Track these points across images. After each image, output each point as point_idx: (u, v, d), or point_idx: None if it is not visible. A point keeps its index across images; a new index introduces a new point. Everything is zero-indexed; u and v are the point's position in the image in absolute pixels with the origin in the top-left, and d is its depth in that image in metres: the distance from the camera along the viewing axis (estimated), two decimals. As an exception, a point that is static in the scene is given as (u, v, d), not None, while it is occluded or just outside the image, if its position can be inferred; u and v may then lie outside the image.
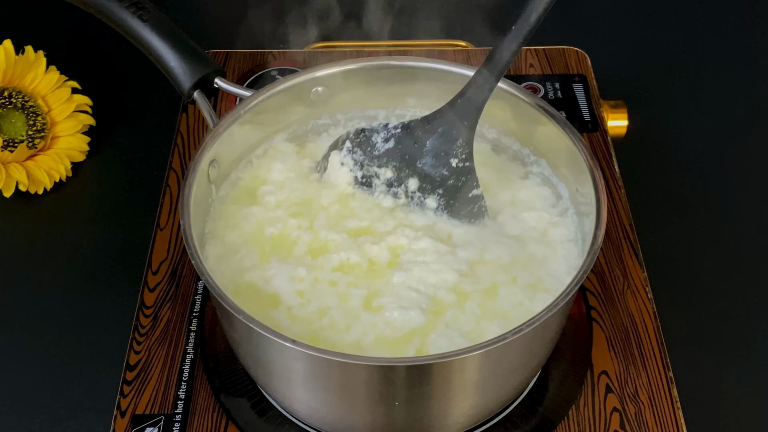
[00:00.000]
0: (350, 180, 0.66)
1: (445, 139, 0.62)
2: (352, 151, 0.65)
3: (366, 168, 0.65)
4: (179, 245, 0.73)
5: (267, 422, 0.63)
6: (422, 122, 0.63)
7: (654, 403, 0.64)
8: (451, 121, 0.62)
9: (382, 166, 0.65)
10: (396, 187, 0.65)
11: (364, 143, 0.65)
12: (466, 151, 0.62)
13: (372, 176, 0.65)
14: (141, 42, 0.66)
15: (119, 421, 0.63)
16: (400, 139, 0.64)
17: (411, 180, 0.64)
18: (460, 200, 0.63)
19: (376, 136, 0.65)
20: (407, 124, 0.64)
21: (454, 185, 0.63)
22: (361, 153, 0.65)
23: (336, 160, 0.66)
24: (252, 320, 0.53)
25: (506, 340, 0.52)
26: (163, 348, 0.67)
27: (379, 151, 0.65)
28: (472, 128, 0.62)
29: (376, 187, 0.65)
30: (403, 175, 0.64)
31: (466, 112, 0.62)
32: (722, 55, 0.97)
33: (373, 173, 0.65)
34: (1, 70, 0.80)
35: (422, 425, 0.59)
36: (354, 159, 0.65)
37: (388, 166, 0.64)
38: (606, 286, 0.71)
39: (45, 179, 0.81)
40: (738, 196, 0.83)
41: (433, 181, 0.63)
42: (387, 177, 0.65)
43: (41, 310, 0.74)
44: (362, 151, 0.65)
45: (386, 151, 0.64)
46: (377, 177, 0.65)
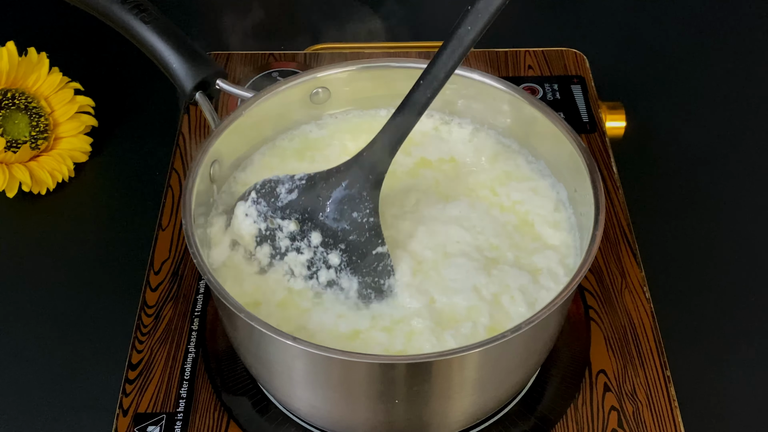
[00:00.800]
0: (254, 232, 0.62)
1: (348, 192, 0.59)
2: (257, 202, 0.62)
3: (270, 220, 0.62)
4: (181, 245, 0.73)
5: (268, 421, 0.63)
6: (327, 174, 0.60)
7: (652, 402, 0.64)
8: (355, 174, 0.59)
9: (285, 218, 0.61)
10: (299, 242, 0.61)
11: (268, 194, 0.62)
12: (369, 206, 0.59)
13: (276, 229, 0.61)
14: (143, 44, 0.66)
15: (121, 420, 0.63)
16: (304, 191, 0.61)
17: (314, 233, 0.60)
18: (363, 257, 0.60)
19: (281, 186, 0.62)
20: (312, 176, 0.61)
21: (357, 240, 0.60)
22: (264, 204, 0.62)
23: (241, 211, 0.62)
24: (253, 319, 0.53)
25: (505, 338, 0.52)
26: (164, 347, 0.67)
27: (282, 202, 0.61)
28: (378, 182, 0.60)
29: (279, 241, 0.61)
30: (305, 228, 0.61)
31: (372, 166, 0.59)
32: (720, 56, 0.97)
33: (277, 225, 0.61)
34: (5, 72, 0.80)
35: (422, 423, 0.59)
36: (258, 210, 0.62)
37: (291, 218, 0.61)
38: (604, 285, 0.71)
39: (48, 180, 0.81)
40: (735, 197, 0.83)
41: (335, 236, 0.60)
42: (290, 230, 0.61)
43: (44, 309, 0.74)
44: (266, 202, 0.62)
45: (289, 203, 0.61)
46: (280, 229, 0.61)
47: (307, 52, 0.88)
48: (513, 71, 0.88)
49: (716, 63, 0.97)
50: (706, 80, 0.95)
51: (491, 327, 0.58)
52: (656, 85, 0.93)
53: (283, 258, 0.61)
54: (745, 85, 0.94)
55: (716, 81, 0.94)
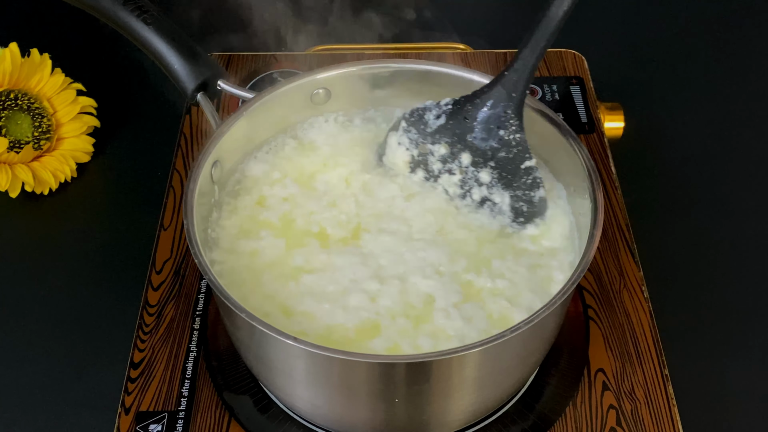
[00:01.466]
0: (407, 159, 0.66)
1: (494, 112, 0.62)
2: (407, 131, 0.65)
3: (421, 146, 0.65)
4: (182, 245, 0.73)
5: (269, 419, 0.63)
6: (472, 97, 0.63)
7: (650, 401, 0.64)
8: (499, 93, 0.62)
9: (436, 143, 0.64)
10: (450, 163, 0.64)
11: (417, 122, 0.65)
12: (515, 122, 0.62)
13: (427, 154, 0.65)
14: (145, 45, 0.66)
15: (123, 419, 0.63)
16: (451, 115, 0.64)
17: (463, 155, 0.64)
18: (512, 172, 0.63)
19: (429, 113, 0.65)
20: (458, 100, 0.64)
21: (506, 157, 0.63)
22: (415, 131, 0.65)
23: (393, 141, 0.66)
24: (254, 318, 0.53)
25: (504, 337, 0.52)
26: (166, 346, 0.67)
27: (432, 128, 0.64)
28: (521, 100, 0.62)
29: (432, 164, 0.65)
30: (455, 150, 0.64)
31: (514, 84, 0.61)
32: (717, 57, 0.97)
33: (428, 151, 0.65)
34: (8, 73, 0.80)
35: (422, 422, 0.59)
36: (409, 138, 0.65)
37: (441, 143, 0.64)
38: (603, 285, 0.71)
39: (50, 180, 0.81)
40: (733, 197, 0.83)
41: (484, 155, 0.63)
42: (441, 153, 0.64)
43: (46, 308, 0.74)
44: (416, 129, 0.65)
45: (438, 128, 0.64)
46: (432, 154, 0.65)
47: (307, 53, 0.88)
48: (512, 72, 0.88)
49: (714, 64, 0.97)
50: (704, 81, 0.95)
51: None
52: (655, 87, 0.93)
53: (437, 180, 0.65)
54: (743, 86, 0.94)
55: (714, 82, 0.94)
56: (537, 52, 0.60)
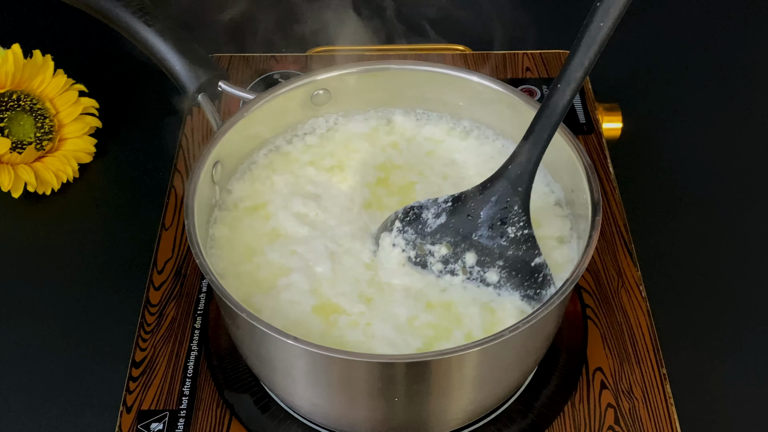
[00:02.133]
0: (403, 261, 0.61)
1: (499, 208, 0.58)
2: (403, 231, 0.61)
3: (419, 247, 0.61)
4: (184, 245, 0.73)
5: (269, 418, 0.63)
6: (474, 193, 0.59)
7: (648, 399, 0.64)
8: (503, 188, 0.58)
9: (436, 243, 0.60)
10: (452, 264, 0.60)
11: (414, 221, 0.61)
12: (523, 218, 0.58)
13: (426, 255, 0.61)
14: (146, 46, 0.66)
15: (125, 417, 0.63)
16: (452, 213, 0.60)
17: (468, 254, 0.60)
18: (522, 270, 0.59)
19: (426, 212, 0.61)
20: (458, 197, 0.60)
21: (515, 255, 0.59)
22: (412, 232, 0.61)
23: (387, 243, 0.62)
24: (255, 318, 0.53)
25: (503, 337, 0.52)
26: (168, 345, 0.67)
27: (431, 227, 0.60)
28: (527, 193, 0.58)
29: (431, 266, 0.61)
30: (459, 250, 0.60)
31: (519, 177, 0.58)
32: (714, 58, 0.97)
33: (427, 251, 0.61)
34: (10, 74, 0.80)
35: (421, 421, 0.59)
36: (405, 239, 0.61)
37: (442, 243, 0.60)
38: (601, 284, 0.71)
39: (52, 180, 0.81)
40: (730, 197, 0.83)
41: (491, 254, 0.59)
42: (442, 254, 0.60)
43: (49, 308, 0.74)
44: (413, 229, 0.61)
45: (439, 227, 0.60)
46: (432, 255, 0.61)
47: (308, 54, 0.88)
48: (511, 73, 0.88)
49: (711, 65, 0.96)
50: (702, 82, 0.95)
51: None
52: (652, 87, 0.93)
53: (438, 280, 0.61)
54: (739, 87, 0.94)
55: (711, 83, 0.94)
56: (541, 144, 0.57)
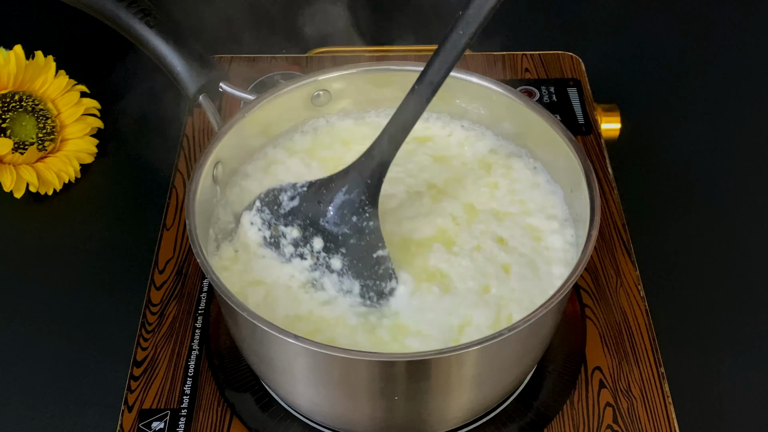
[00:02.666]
0: (259, 240, 0.62)
1: (348, 198, 0.59)
2: (261, 210, 0.62)
3: (273, 227, 0.62)
4: (185, 245, 0.73)
5: (270, 417, 0.63)
6: (327, 180, 0.61)
7: (646, 398, 0.64)
8: (354, 179, 0.59)
9: (288, 225, 0.62)
10: (302, 247, 0.61)
11: (271, 202, 0.62)
12: (369, 210, 0.59)
13: (279, 236, 0.62)
14: (148, 47, 0.66)
15: (126, 416, 0.63)
16: (305, 198, 0.61)
17: (315, 239, 0.61)
18: (363, 261, 0.60)
19: (283, 194, 0.62)
20: (313, 183, 0.61)
21: (357, 244, 0.60)
22: (268, 212, 0.62)
23: (246, 220, 0.63)
24: (255, 317, 0.53)
25: (503, 336, 0.52)
26: (169, 344, 0.67)
27: (285, 209, 0.62)
28: (377, 187, 0.59)
29: (283, 247, 0.62)
30: (307, 234, 0.61)
31: (371, 171, 0.59)
32: (712, 59, 0.97)
33: (280, 233, 0.62)
34: (12, 75, 0.80)
35: (421, 419, 0.59)
36: (262, 218, 0.62)
37: (293, 225, 0.61)
38: (599, 284, 0.71)
39: (54, 180, 0.81)
40: (729, 197, 0.83)
41: (336, 240, 0.60)
42: (293, 236, 0.61)
43: (51, 307, 0.74)
44: (270, 210, 0.62)
45: (291, 209, 0.61)
46: (284, 236, 0.62)
47: (308, 55, 0.88)
48: (510, 74, 0.88)
49: (709, 66, 0.96)
50: (699, 83, 0.95)
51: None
52: (651, 88, 0.93)
53: (289, 262, 0.62)
54: (737, 88, 0.94)
55: (709, 83, 0.94)
56: (394, 144, 0.59)
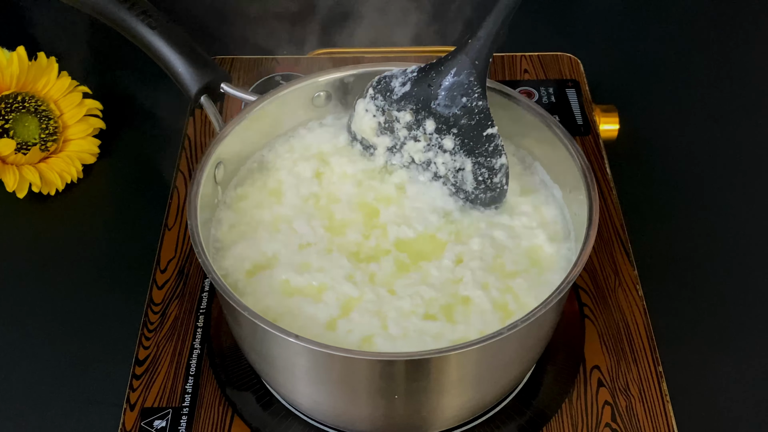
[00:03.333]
0: (374, 125, 0.66)
1: (457, 80, 0.62)
2: (374, 98, 0.65)
3: (387, 113, 0.65)
4: (186, 244, 0.73)
5: (271, 415, 0.63)
6: (437, 64, 0.63)
7: (644, 397, 0.64)
8: (462, 61, 0.62)
9: (401, 110, 0.64)
10: (415, 130, 0.65)
11: (384, 89, 0.65)
12: (478, 90, 0.62)
13: (393, 121, 0.65)
14: (150, 48, 0.66)
15: (128, 414, 0.63)
16: (416, 82, 0.64)
17: (428, 121, 0.64)
18: (474, 139, 0.63)
19: (395, 81, 0.65)
20: (423, 67, 0.64)
21: (468, 124, 0.63)
22: (381, 99, 0.65)
23: (361, 108, 0.66)
24: (257, 316, 0.53)
25: (502, 335, 0.52)
26: (171, 343, 0.67)
27: (397, 95, 0.65)
28: (485, 67, 0.62)
29: (397, 131, 0.65)
30: (420, 117, 0.64)
31: (478, 52, 0.61)
32: (710, 60, 0.97)
33: (394, 117, 0.65)
34: (15, 76, 0.80)
35: (421, 418, 0.59)
36: (376, 105, 0.66)
37: (406, 110, 0.64)
38: (598, 283, 0.71)
39: (57, 181, 0.81)
40: (725, 197, 0.83)
41: (447, 121, 0.63)
42: (406, 120, 0.65)
43: (53, 307, 0.74)
44: (383, 96, 0.65)
45: (404, 95, 0.64)
46: (398, 121, 0.65)
47: (309, 56, 0.88)
48: (510, 75, 0.88)
49: (707, 67, 0.97)
50: (697, 84, 0.95)
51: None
52: (649, 89, 0.93)
53: (402, 147, 0.66)
54: (735, 89, 0.94)
55: (707, 85, 0.94)
56: (499, 22, 0.61)
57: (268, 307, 0.59)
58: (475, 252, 0.62)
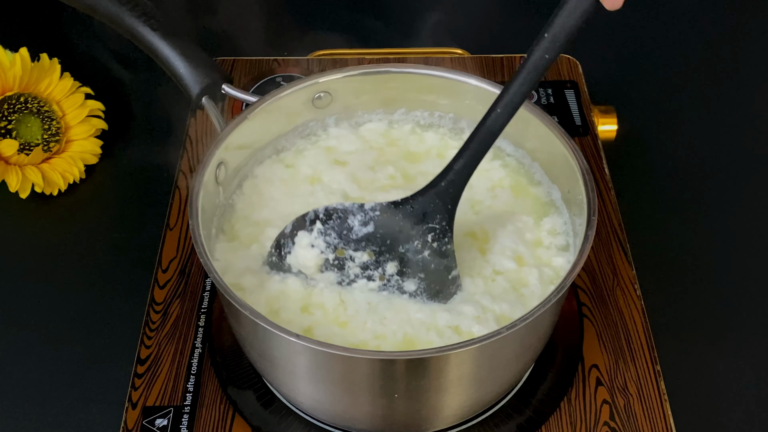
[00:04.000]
0: (320, 262, 0.60)
1: (430, 225, 0.58)
2: (325, 234, 0.60)
3: (340, 251, 0.60)
4: (188, 244, 0.73)
5: (272, 414, 0.63)
6: (402, 204, 0.59)
7: (642, 396, 0.64)
8: (435, 205, 0.58)
9: (359, 250, 0.59)
10: (372, 270, 0.60)
11: (338, 225, 0.60)
12: (449, 234, 0.58)
13: (346, 259, 0.60)
14: (151, 50, 0.66)
15: (130, 413, 0.63)
16: (380, 223, 0.59)
17: (390, 264, 0.59)
18: (440, 283, 0.59)
19: (352, 218, 0.59)
20: (385, 207, 0.59)
21: (436, 269, 0.59)
22: (335, 236, 0.60)
23: (306, 242, 0.60)
24: (258, 316, 0.53)
25: (501, 335, 0.52)
26: (172, 343, 0.67)
27: (357, 235, 0.59)
28: (454, 210, 0.58)
29: (348, 269, 0.60)
30: (382, 259, 0.59)
31: (452, 197, 0.58)
32: (707, 62, 0.97)
33: (348, 256, 0.60)
34: (18, 77, 0.80)
35: (421, 417, 0.59)
36: (327, 242, 0.60)
37: (365, 250, 0.59)
38: (596, 283, 0.71)
39: (59, 181, 0.81)
40: (723, 197, 0.83)
41: (414, 266, 0.59)
42: (363, 260, 0.60)
43: (55, 306, 0.74)
44: (336, 234, 0.59)
45: (365, 235, 0.59)
46: (351, 260, 0.60)
47: (309, 57, 0.88)
48: (508, 76, 0.88)
49: (704, 68, 0.96)
50: (695, 85, 0.94)
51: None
52: (647, 90, 0.93)
53: (351, 284, 0.60)
54: (732, 89, 0.94)
55: (704, 85, 0.94)
56: (473, 163, 0.57)
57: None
58: None
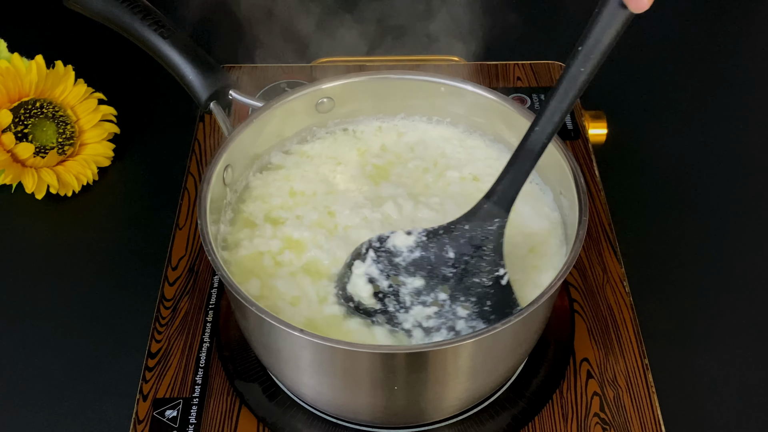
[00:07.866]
0: (373, 290, 0.59)
1: (477, 251, 0.56)
2: (377, 261, 0.59)
3: (392, 278, 0.58)
4: (196, 243, 0.73)
5: (277, 405, 0.63)
6: (449, 230, 0.57)
7: (631, 388, 0.64)
8: (481, 230, 0.56)
9: (410, 276, 0.58)
10: (425, 296, 0.58)
11: (389, 252, 0.58)
12: (498, 259, 0.56)
13: (399, 285, 0.58)
14: (162, 57, 0.66)
15: (141, 404, 0.63)
16: (428, 248, 0.57)
17: (440, 288, 0.57)
18: (494, 306, 0.56)
19: (400, 244, 0.58)
20: (432, 232, 0.57)
21: (486, 292, 0.56)
22: (387, 262, 0.58)
23: (361, 272, 0.59)
24: (263, 311, 0.53)
25: (496, 330, 0.52)
26: (181, 337, 0.67)
27: (406, 260, 0.58)
28: (501, 234, 0.56)
29: (403, 296, 0.58)
30: (432, 283, 0.57)
31: (496, 218, 0.56)
32: (694, 67, 0.97)
33: (401, 282, 0.58)
34: (34, 83, 0.80)
35: (419, 408, 0.59)
36: (379, 269, 0.59)
37: (416, 275, 0.58)
38: (587, 280, 0.71)
39: (73, 183, 0.81)
40: (708, 197, 0.83)
41: (465, 290, 0.57)
42: (415, 286, 0.58)
43: (70, 302, 0.74)
44: (388, 260, 0.58)
45: (414, 261, 0.58)
46: (405, 286, 0.58)
47: (313, 64, 0.88)
48: (503, 82, 0.88)
49: (691, 73, 0.96)
50: (682, 90, 0.94)
51: None
52: (636, 95, 0.93)
53: (408, 311, 0.58)
54: (719, 94, 0.94)
55: (691, 91, 0.94)
56: (518, 184, 0.55)
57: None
58: None
